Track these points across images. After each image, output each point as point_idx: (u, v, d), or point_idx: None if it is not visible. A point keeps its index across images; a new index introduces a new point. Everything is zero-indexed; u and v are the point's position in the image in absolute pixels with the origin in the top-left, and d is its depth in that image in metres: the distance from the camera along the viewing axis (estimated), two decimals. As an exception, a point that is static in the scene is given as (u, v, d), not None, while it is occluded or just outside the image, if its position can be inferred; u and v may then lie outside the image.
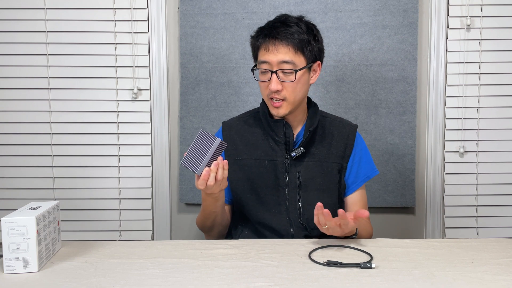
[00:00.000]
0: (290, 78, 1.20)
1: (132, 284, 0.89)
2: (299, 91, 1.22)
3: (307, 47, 1.21)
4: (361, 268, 0.95)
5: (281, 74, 1.20)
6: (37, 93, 1.81)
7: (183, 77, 1.81)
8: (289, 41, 1.19)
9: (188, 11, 1.78)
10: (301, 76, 1.21)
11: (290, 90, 1.21)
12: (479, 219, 1.84)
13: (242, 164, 1.30)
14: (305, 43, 1.20)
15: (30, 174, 1.84)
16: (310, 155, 1.28)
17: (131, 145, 1.84)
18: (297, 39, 1.19)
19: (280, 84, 1.20)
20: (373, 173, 1.34)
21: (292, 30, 1.19)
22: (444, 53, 1.79)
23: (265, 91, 1.23)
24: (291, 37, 1.19)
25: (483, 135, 1.81)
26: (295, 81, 1.20)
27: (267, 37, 1.21)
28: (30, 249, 0.94)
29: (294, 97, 1.22)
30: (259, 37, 1.23)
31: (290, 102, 1.22)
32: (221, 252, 1.05)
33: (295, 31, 1.19)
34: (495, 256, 1.02)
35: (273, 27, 1.21)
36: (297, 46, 1.19)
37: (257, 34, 1.25)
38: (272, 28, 1.21)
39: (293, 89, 1.21)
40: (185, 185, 1.84)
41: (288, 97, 1.21)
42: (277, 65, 1.19)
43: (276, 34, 1.19)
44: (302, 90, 1.24)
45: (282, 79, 1.20)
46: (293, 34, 1.19)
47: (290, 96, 1.21)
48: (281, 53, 1.19)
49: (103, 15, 1.79)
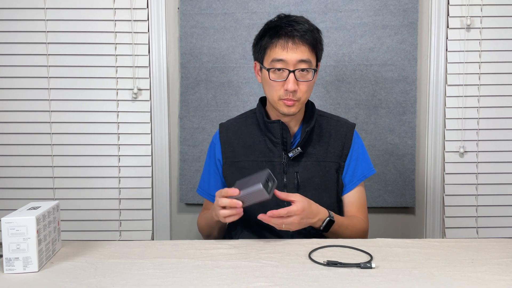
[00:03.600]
0: (308, 77, 1.20)
1: (132, 284, 0.89)
2: (310, 91, 1.23)
3: (318, 46, 1.22)
4: (361, 268, 0.94)
5: (298, 74, 1.19)
6: (37, 93, 1.81)
7: (183, 77, 1.81)
8: (307, 40, 1.18)
9: (188, 11, 1.78)
10: (314, 76, 1.22)
11: (304, 90, 1.20)
12: (479, 219, 1.84)
13: (240, 166, 1.30)
14: (317, 42, 1.21)
15: (30, 174, 1.84)
16: (308, 155, 1.28)
17: (131, 145, 1.84)
18: (312, 37, 1.19)
19: (296, 84, 1.19)
20: (370, 172, 1.34)
21: (305, 28, 1.18)
22: (444, 53, 1.79)
23: (276, 92, 1.21)
24: (308, 36, 1.18)
25: (483, 135, 1.81)
26: (312, 81, 1.20)
27: (284, 35, 1.18)
28: (30, 249, 0.94)
29: (306, 97, 1.22)
30: (272, 36, 1.20)
31: (302, 102, 1.22)
32: (221, 252, 1.05)
33: (309, 30, 1.19)
34: (495, 256, 1.02)
35: (287, 25, 1.19)
36: (312, 45, 1.19)
37: (269, 32, 1.21)
38: (287, 26, 1.18)
39: (307, 88, 1.21)
40: (185, 185, 1.84)
41: (301, 97, 1.21)
42: (294, 64, 1.18)
43: (295, 32, 1.17)
44: (311, 90, 1.24)
45: (299, 78, 1.19)
46: (309, 33, 1.18)
47: (303, 96, 1.21)
48: (300, 51, 1.17)
49: (103, 15, 1.79)
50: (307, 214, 1.11)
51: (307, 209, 1.10)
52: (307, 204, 1.11)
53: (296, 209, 1.08)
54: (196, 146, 1.82)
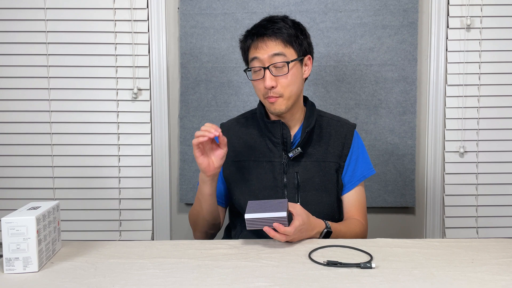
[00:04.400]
0: (283, 71, 1.20)
1: (132, 284, 0.89)
2: (293, 85, 1.22)
3: (296, 40, 1.22)
4: (361, 268, 0.94)
5: (274, 69, 1.20)
6: (37, 93, 1.81)
7: (183, 77, 1.81)
8: (277, 36, 1.20)
9: (188, 11, 1.78)
10: (293, 69, 1.21)
11: (284, 85, 1.21)
12: (479, 219, 1.84)
13: (240, 165, 1.30)
14: (293, 37, 1.22)
15: (30, 174, 1.84)
16: (308, 155, 1.28)
17: (131, 145, 1.84)
18: (285, 33, 1.21)
19: (274, 80, 1.20)
20: (369, 172, 1.34)
21: (279, 25, 1.21)
22: (444, 53, 1.79)
23: (260, 91, 1.24)
24: (279, 32, 1.20)
25: (483, 135, 1.81)
26: (289, 73, 1.20)
27: (255, 35, 1.22)
28: (30, 249, 0.94)
29: (289, 91, 1.22)
30: (247, 38, 1.25)
31: (286, 97, 1.22)
32: (221, 252, 1.05)
33: (282, 27, 1.21)
34: (495, 256, 1.02)
35: (259, 26, 1.23)
36: (285, 40, 1.21)
37: (245, 36, 1.26)
38: (258, 27, 1.23)
39: (287, 83, 1.21)
40: (185, 185, 1.84)
41: (283, 92, 1.21)
42: (268, 60, 1.20)
43: (264, 30, 1.21)
44: (296, 84, 1.23)
45: (275, 73, 1.20)
46: (280, 29, 1.20)
47: (285, 91, 1.21)
48: (270, 47, 1.20)
49: (103, 15, 1.79)
50: (307, 227, 1.10)
51: (306, 223, 1.10)
52: (306, 218, 1.10)
53: (299, 224, 1.07)
54: (196, 146, 1.82)
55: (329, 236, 1.17)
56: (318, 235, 1.16)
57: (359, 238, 1.25)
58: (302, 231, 1.09)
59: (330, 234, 1.17)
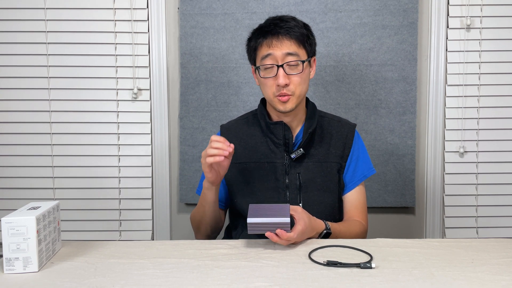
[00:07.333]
0: (298, 70, 1.21)
1: (132, 284, 0.89)
2: (304, 84, 1.23)
3: (307, 41, 1.23)
4: (361, 268, 0.94)
5: (287, 68, 1.20)
6: (37, 93, 1.81)
7: (183, 77, 1.81)
8: (291, 35, 1.21)
9: (188, 11, 1.78)
10: (305, 68, 1.22)
11: (297, 83, 1.21)
12: (479, 219, 1.84)
13: (242, 167, 1.30)
14: (305, 37, 1.23)
15: (30, 174, 1.84)
16: (310, 155, 1.28)
17: (131, 145, 1.84)
18: (298, 32, 1.21)
19: (287, 78, 1.20)
20: (370, 172, 1.34)
21: (291, 24, 1.21)
22: (444, 53, 1.79)
23: (270, 89, 1.22)
24: (292, 31, 1.21)
25: (483, 135, 1.81)
26: (302, 73, 1.21)
27: (269, 33, 1.21)
28: (30, 249, 0.94)
29: (300, 90, 1.22)
30: (259, 36, 1.24)
31: (296, 96, 1.22)
32: (221, 252, 1.05)
33: (295, 26, 1.22)
34: (495, 256, 1.02)
35: (272, 24, 1.22)
36: (299, 39, 1.21)
37: (256, 34, 1.25)
38: (271, 25, 1.22)
39: (299, 81, 1.21)
40: (185, 185, 1.84)
41: (295, 90, 1.21)
42: (282, 58, 1.20)
43: (279, 29, 1.21)
44: (306, 83, 1.25)
45: (288, 72, 1.20)
46: (293, 28, 1.21)
47: (297, 89, 1.22)
48: (285, 45, 1.20)
49: (103, 15, 1.79)
50: (308, 230, 1.10)
51: (308, 226, 1.10)
52: (308, 222, 1.10)
53: (301, 229, 1.07)
54: (196, 146, 1.82)
55: (328, 237, 1.17)
56: (317, 236, 1.16)
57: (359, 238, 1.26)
58: (304, 234, 1.09)
59: (329, 235, 1.17)
